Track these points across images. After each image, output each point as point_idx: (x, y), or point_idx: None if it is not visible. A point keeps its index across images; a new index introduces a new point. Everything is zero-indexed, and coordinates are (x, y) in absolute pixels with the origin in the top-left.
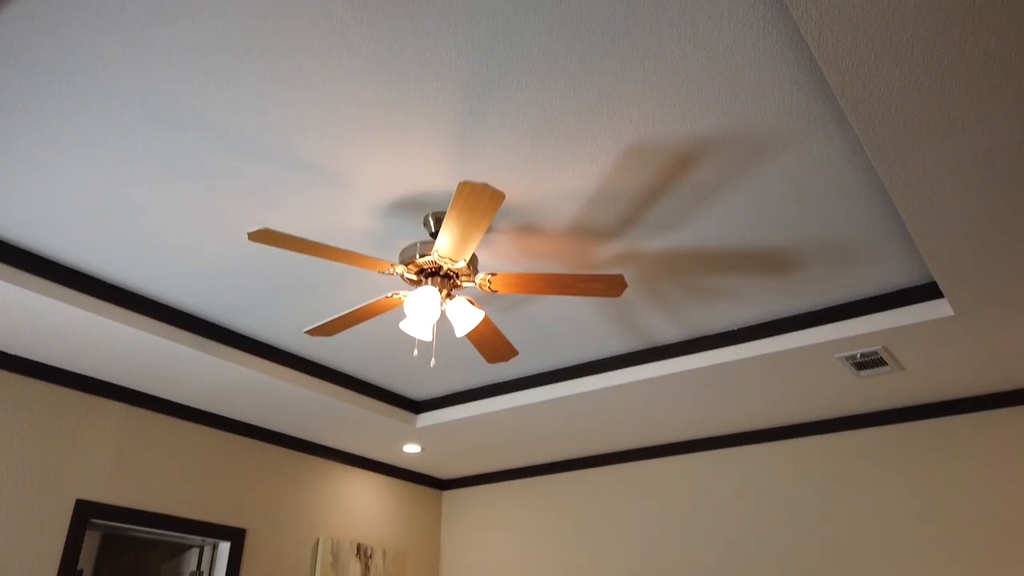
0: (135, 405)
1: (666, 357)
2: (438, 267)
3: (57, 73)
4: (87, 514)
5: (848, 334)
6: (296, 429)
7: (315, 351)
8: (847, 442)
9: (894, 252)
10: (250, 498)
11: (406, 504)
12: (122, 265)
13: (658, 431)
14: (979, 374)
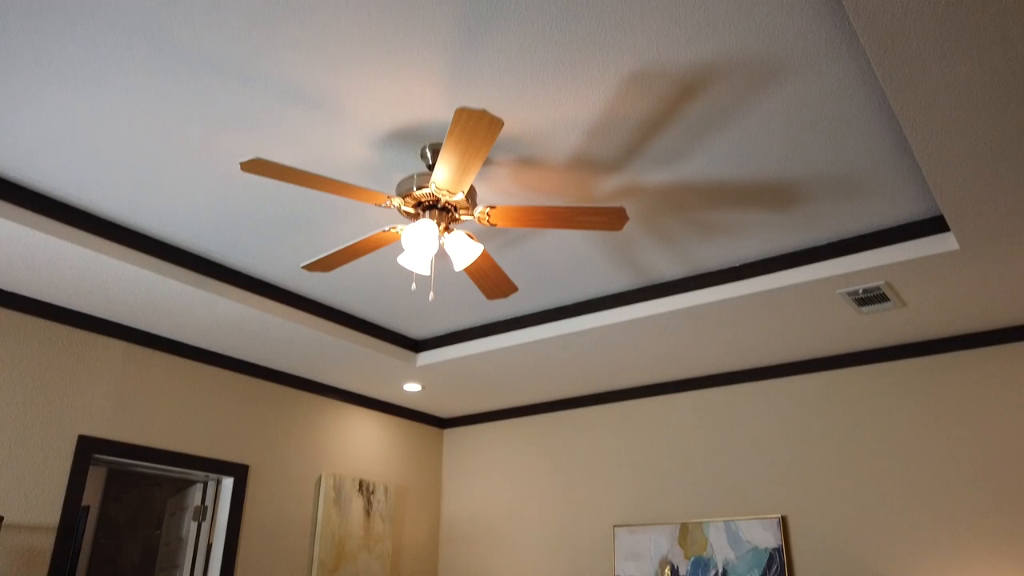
0: (134, 343)
1: (667, 294)
2: (436, 199)
3: (38, 1)
4: (90, 450)
5: (850, 269)
6: (297, 367)
7: (314, 289)
8: (847, 379)
9: (900, 185)
10: (252, 435)
11: (407, 442)
12: (115, 199)
13: (658, 369)
14: (981, 310)
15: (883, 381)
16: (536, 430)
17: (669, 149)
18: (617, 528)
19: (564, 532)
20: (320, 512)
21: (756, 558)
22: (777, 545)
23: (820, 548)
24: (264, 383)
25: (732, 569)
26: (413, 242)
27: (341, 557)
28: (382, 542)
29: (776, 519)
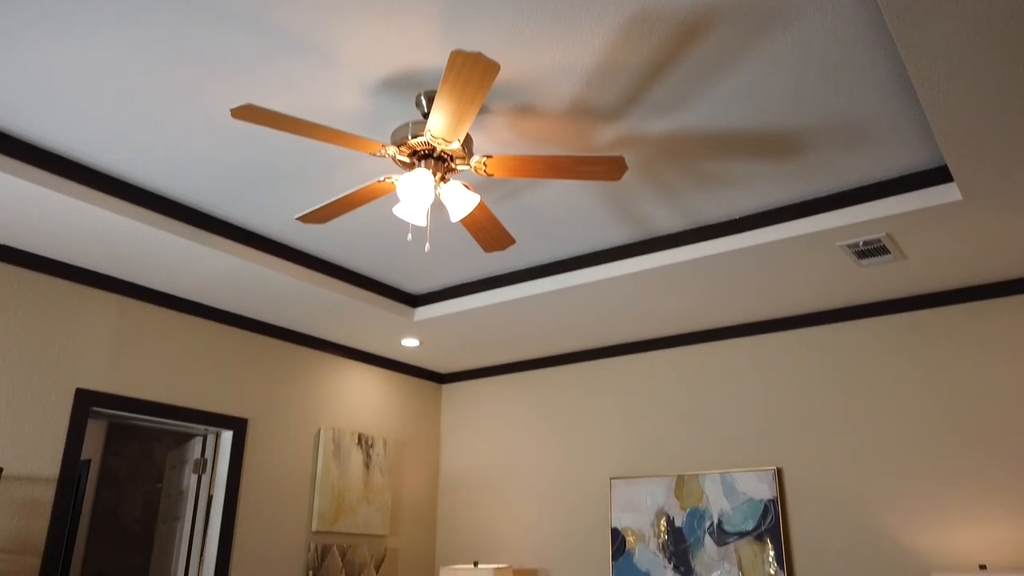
0: (130, 296)
1: (666, 247)
2: (432, 148)
3: None
4: (88, 403)
5: (851, 221)
6: (294, 322)
7: (310, 243)
8: (846, 333)
9: (903, 134)
10: (251, 389)
11: (406, 397)
12: (107, 150)
13: (657, 323)
14: (982, 262)
15: (881, 335)
16: (534, 385)
17: (669, 97)
18: (614, 480)
19: (562, 485)
20: (320, 465)
21: (751, 509)
22: (772, 496)
23: (814, 499)
24: (262, 338)
25: (727, 520)
26: (408, 192)
27: (341, 509)
28: (381, 494)
29: (771, 471)
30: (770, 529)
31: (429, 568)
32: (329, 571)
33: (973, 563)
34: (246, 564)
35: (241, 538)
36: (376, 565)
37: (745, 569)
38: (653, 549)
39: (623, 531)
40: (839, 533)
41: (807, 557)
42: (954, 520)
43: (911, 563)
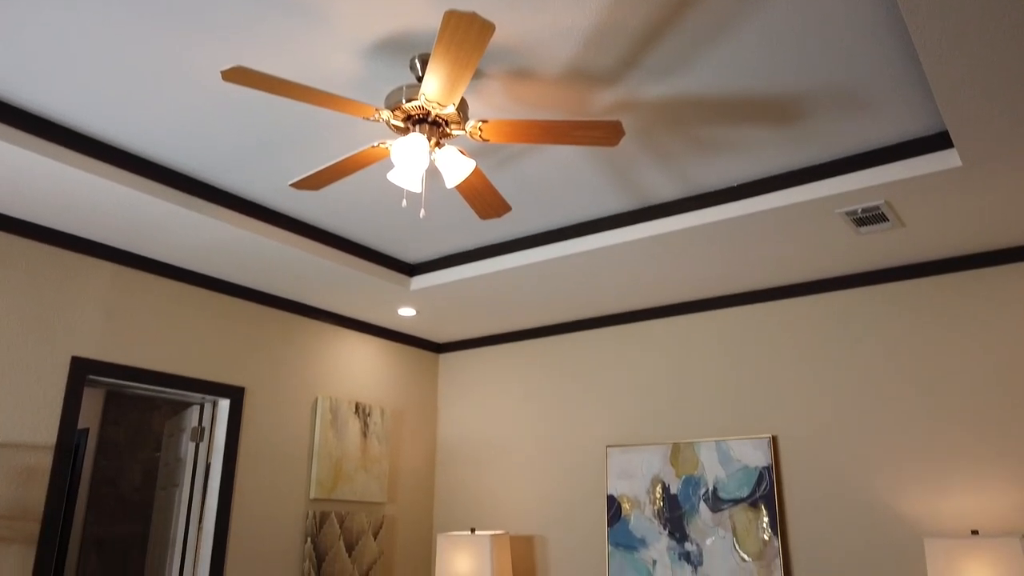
0: (125, 265)
1: (663, 215)
2: (426, 112)
3: None
4: (84, 371)
5: (850, 188)
6: (291, 291)
7: (305, 211)
8: (842, 301)
9: (904, 100)
10: (247, 358)
11: (403, 366)
12: (98, 115)
13: (654, 292)
14: (981, 230)
15: (878, 303)
16: (531, 354)
17: (668, 60)
18: (610, 448)
19: (558, 453)
20: (317, 433)
21: (746, 476)
22: (767, 464)
23: (809, 467)
24: (259, 307)
25: (722, 487)
26: (403, 157)
27: (339, 477)
28: (379, 463)
29: (767, 439)
30: (764, 496)
31: (427, 535)
32: (327, 538)
33: (965, 528)
34: (245, 531)
35: (239, 505)
36: (374, 532)
37: (739, 535)
38: (648, 516)
39: (619, 498)
40: (833, 500)
41: (801, 523)
42: (947, 487)
43: (904, 529)
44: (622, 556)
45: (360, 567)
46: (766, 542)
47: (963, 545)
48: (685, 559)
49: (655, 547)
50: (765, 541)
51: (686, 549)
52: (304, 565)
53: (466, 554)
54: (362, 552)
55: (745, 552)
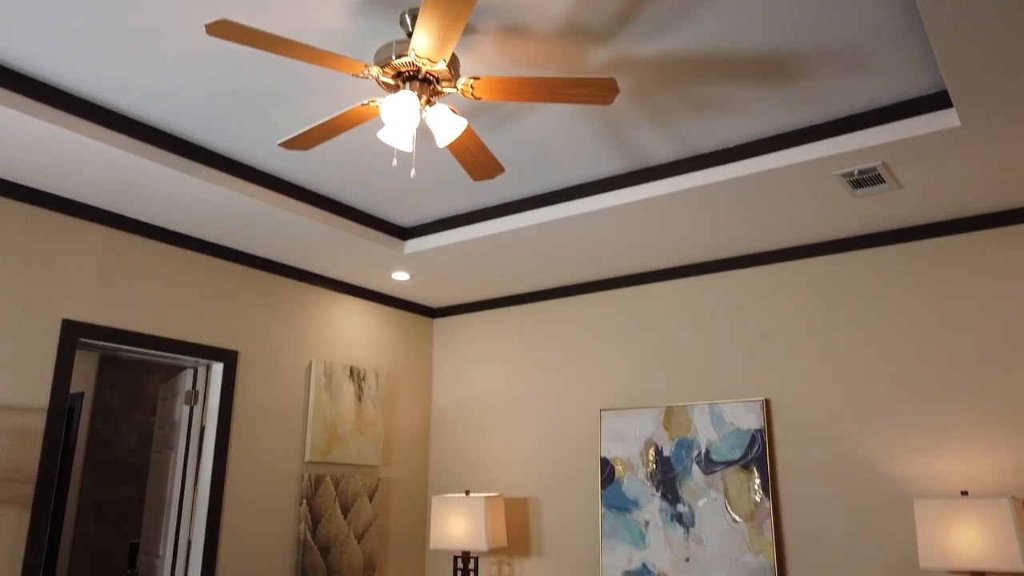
0: (115, 228)
1: (658, 178)
2: (416, 69)
3: None
4: (75, 334)
5: (847, 149)
6: (284, 255)
7: (299, 174)
8: (837, 265)
9: (902, 58)
10: (240, 322)
11: (398, 331)
12: (84, 74)
13: (648, 256)
14: (979, 192)
15: (873, 267)
16: (525, 319)
17: (664, 16)
18: (604, 412)
19: (552, 416)
20: (311, 397)
21: (738, 439)
22: (759, 427)
23: (801, 430)
24: (251, 270)
25: (714, 449)
26: (393, 115)
27: (334, 440)
28: (374, 426)
29: (759, 402)
30: (757, 458)
31: (422, 497)
32: (323, 500)
33: (955, 490)
34: (240, 493)
35: (234, 468)
36: (369, 494)
37: (731, 497)
38: (641, 478)
39: (612, 461)
40: (824, 462)
41: (792, 485)
42: (937, 449)
43: (894, 490)
44: (615, 517)
45: (355, 529)
46: (757, 503)
47: (952, 505)
48: (677, 520)
49: (647, 508)
50: (756, 502)
51: (678, 510)
52: (300, 527)
53: (460, 516)
54: (357, 514)
55: (736, 513)
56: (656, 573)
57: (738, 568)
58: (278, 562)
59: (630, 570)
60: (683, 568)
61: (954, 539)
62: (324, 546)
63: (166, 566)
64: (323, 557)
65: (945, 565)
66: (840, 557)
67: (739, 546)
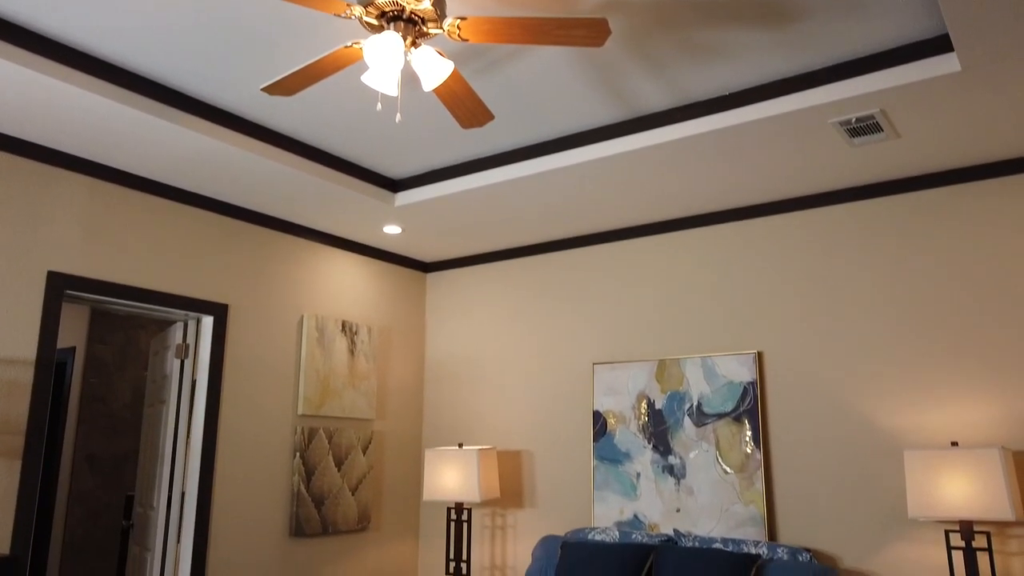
0: (100, 178)
1: (652, 126)
2: (400, 8)
3: None
4: (61, 285)
5: (844, 95)
6: (273, 208)
7: (285, 123)
8: (832, 217)
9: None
10: (230, 275)
11: (390, 285)
12: (64, 19)
13: (642, 209)
14: (978, 141)
15: (868, 218)
16: (519, 273)
17: None
18: (596, 365)
19: (545, 370)
20: (304, 351)
21: (730, 391)
22: (752, 379)
23: (793, 382)
24: (240, 223)
25: (707, 402)
26: (377, 57)
27: (326, 393)
28: (367, 380)
29: (752, 354)
30: (748, 411)
31: (415, 450)
32: (316, 453)
33: (945, 441)
34: (233, 446)
35: (226, 421)
36: (363, 447)
37: (722, 448)
38: (633, 431)
39: (604, 414)
40: (815, 414)
41: (783, 437)
42: (929, 401)
43: (885, 442)
44: (607, 469)
45: (349, 481)
46: (748, 455)
47: (942, 456)
48: (668, 472)
49: (639, 460)
50: (747, 454)
51: (669, 462)
52: (293, 479)
53: (454, 468)
54: (351, 466)
55: (727, 465)
56: (647, 523)
57: (728, 518)
58: (272, 513)
59: (621, 520)
60: (674, 518)
61: (943, 489)
62: (318, 498)
63: (160, 518)
64: (317, 509)
65: (933, 515)
66: (829, 508)
67: (729, 497)
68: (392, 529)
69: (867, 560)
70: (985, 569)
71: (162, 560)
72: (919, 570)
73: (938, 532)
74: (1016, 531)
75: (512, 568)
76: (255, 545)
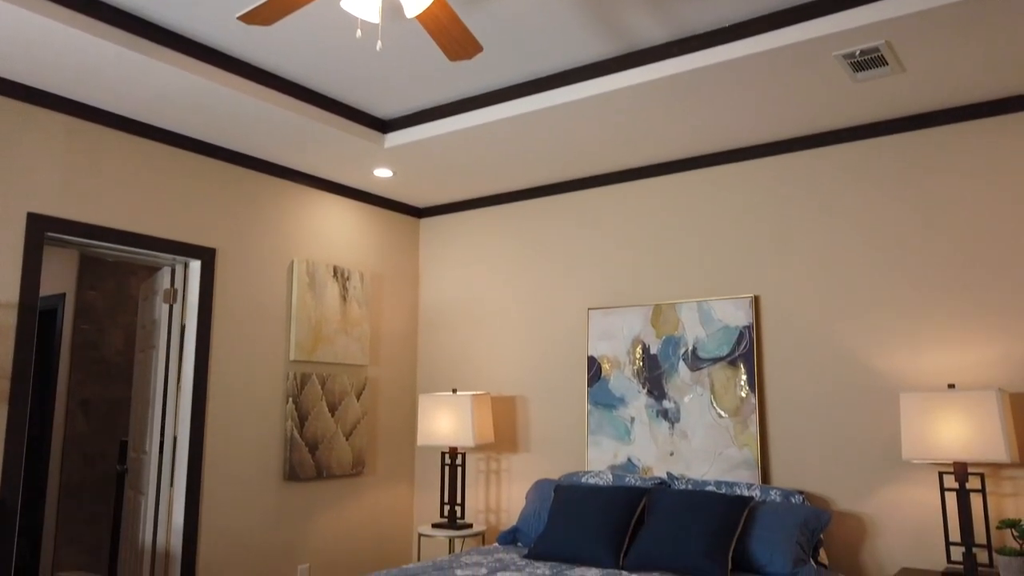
0: (79, 117)
1: (649, 61)
2: None
3: None
4: (42, 227)
5: (849, 26)
6: (259, 149)
7: (269, 59)
8: (830, 157)
9: None
10: (217, 219)
11: (383, 231)
12: None
13: (637, 149)
14: (984, 76)
15: (869, 158)
16: (513, 218)
17: None
18: (591, 311)
19: (540, 316)
20: (295, 296)
21: (726, 335)
22: (748, 323)
23: (789, 325)
24: (227, 165)
25: (702, 346)
26: None
27: (319, 339)
28: (360, 326)
29: (749, 298)
30: (744, 355)
31: (409, 395)
32: (309, 398)
33: (942, 383)
34: (224, 391)
35: (217, 366)
36: (357, 393)
37: (717, 392)
38: (628, 375)
39: (599, 359)
40: (812, 357)
41: (778, 380)
42: (926, 343)
43: (881, 385)
44: (601, 414)
45: (343, 426)
46: (743, 399)
47: (938, 397)
48: (663, 416)
49: (634, 405)
50: (742, 398)
51: (664, 406)
52: (287, 424)
53: (447, 413)
54: (345, 412)
55: (722, 408)
56: (641, 467)
57: (722, 461)
58: (266, 458)
59: (615, 464)
60: (667, 461)
61: (938, 431)
62: (312, 443)
63: (152, 462)
64: (311, 453)
65: (928, 456)
66: (823, 451)
67: (723, 440)
68: (387, 474)
69: (860, 502)
70: (978, 510)
71: (156, 504)
72: (911, 511)
73: (931, 474)
74: (1010, 473)
75: (506, 511)
76: (249, 489)
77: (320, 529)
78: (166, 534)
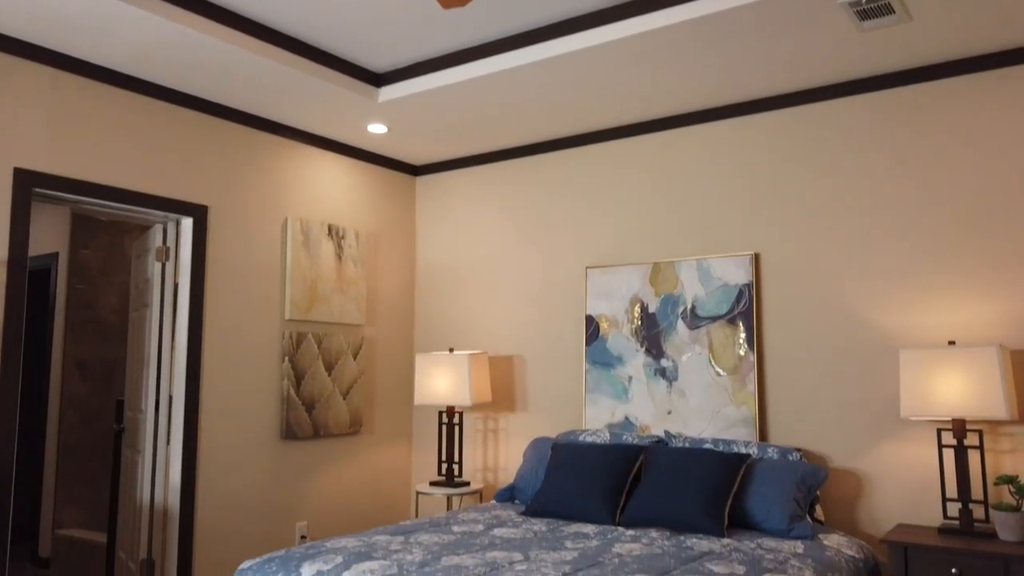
0: (64, 70)
1: (649, 10)
2: None
3: None
4: (29, 183)
5: None
6: (250, 104)
7: (256, 9)
8: (832, 112)
9: None
10: (209, 175)
11: (379, 188)
12: None
13: (636, 104)
14: (996, 24)
15: (872, 112)
16: (510, 176)
17: None
18: (590, 269)
19: (538, 275)
20: (289, 254)
21: (725, 294)
22: (748, 281)
23: (789, 283)
24: (218, 120)
25: (700, 305)
26: None
27: (314, 299)
28: (355, 285)
29: (749, 256)
30: (743, 313)
31: (406, 355)
32: (305, 357)
33: (942, 340)
34: (219, 350)
35: (211, 324)
36: (353, 352)
37: (715, 351)
38: (626, 334)
39: (597, 318)
40: (812, 315)
41: (778, 338)
42: (925, 301)
43: (880, 342)
44: (599, 373)
45: (340, 385)
46: (742, 357)
47: (938, 354)
48: (660, 375)
49: (631, 364)
50: (741, 356)
51: (662, 365)
52: (283, 383)
53: (445, 372)
54: (342, 371)
55: (720, 367)
56: (638, 425)
57: (719, 420)
58: (263, 417)
59: (613, 423)
60: (665, 420)
61: (937, 388)
62: (309, 402)
63: (148, 421)
64: (308, 412)
65: (927, 414)
66: (822, 409)
67: (721, 399)
68: (385, 432)
69: (857, 459)
70: (975, 467)
71: (152, 462)
72: (909, 469)
73: (929, 431)
74: (1008, 429)
75: (504, 469)
76: (246, 447)
77: (318, 487)
78: (164, 492)
